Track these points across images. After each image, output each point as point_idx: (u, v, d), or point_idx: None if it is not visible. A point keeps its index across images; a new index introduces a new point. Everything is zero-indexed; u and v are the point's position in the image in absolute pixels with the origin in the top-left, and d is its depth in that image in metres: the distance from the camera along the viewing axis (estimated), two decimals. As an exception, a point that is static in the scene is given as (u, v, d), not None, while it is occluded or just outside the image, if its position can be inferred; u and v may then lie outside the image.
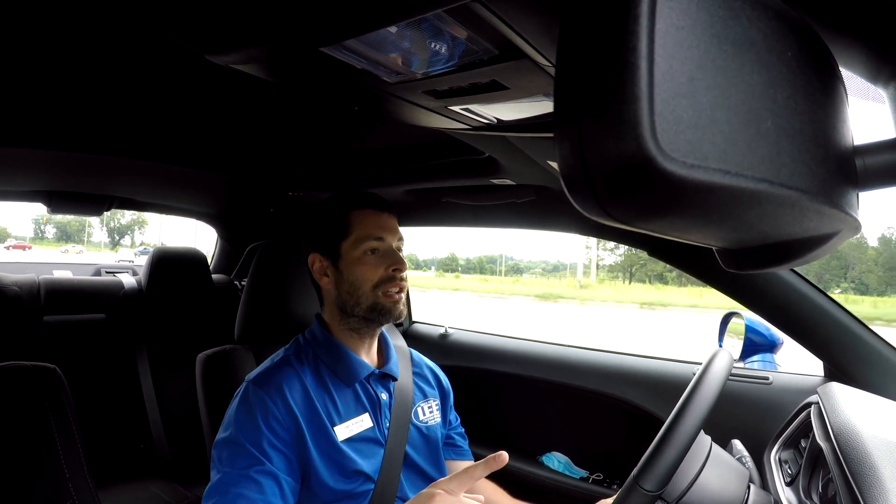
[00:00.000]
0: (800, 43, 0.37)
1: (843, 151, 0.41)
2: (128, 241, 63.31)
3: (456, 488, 0.96)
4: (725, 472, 1.05)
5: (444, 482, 0.98)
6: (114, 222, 67.93)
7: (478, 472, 0.96)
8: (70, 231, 76.24)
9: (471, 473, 0.96)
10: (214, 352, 1.57)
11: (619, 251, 62.17)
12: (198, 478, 2.38)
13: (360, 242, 1.31)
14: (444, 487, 0.96)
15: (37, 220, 75.63)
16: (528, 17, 0.67)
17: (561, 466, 2.09)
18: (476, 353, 2.47)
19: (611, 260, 64.70)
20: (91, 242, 72.39)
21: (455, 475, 0.98)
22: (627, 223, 0.34)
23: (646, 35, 0.28)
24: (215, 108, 1.50)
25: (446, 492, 0.95)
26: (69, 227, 76.39)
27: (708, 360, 1.05)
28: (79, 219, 71.74)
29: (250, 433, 1.17)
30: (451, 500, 0.94)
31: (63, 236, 74.99)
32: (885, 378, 1.47)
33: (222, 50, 0.84)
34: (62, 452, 1.46)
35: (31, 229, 77.54)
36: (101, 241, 72.19)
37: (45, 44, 1.11)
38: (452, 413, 1.58)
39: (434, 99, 0.99)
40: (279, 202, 2.64)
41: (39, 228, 76.61)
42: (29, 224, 78.10)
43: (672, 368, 1.96)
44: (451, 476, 0.99)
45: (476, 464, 0.97)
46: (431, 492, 0.96)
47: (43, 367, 1.51)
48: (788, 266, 0.46)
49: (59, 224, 76.44)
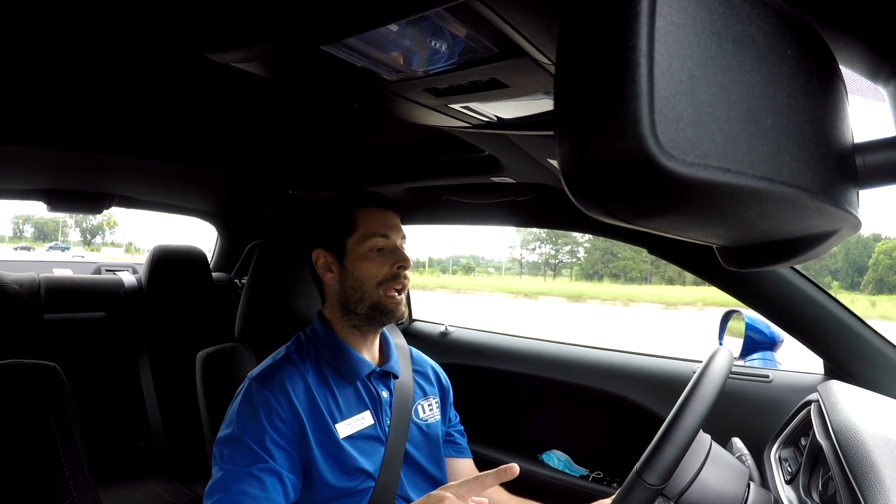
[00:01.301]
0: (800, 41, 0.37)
1: (843, 149, 0.41)
2: (99, 240, 64.27)
3: (465, 493, 0.97)
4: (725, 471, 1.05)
5: (454, 486, 0.99)
6: (86, 223, 69.13)
7: (488, 482, 0.97)
8: (47, 231, 77.11)
9: (481, 482, 0.97)
10: (215, 350, 1.57)
11: (540, 251, 64.36)
12: (198, 476, 2.39)
13: (366, 239, 1.31)
14: (454, 492, 0.97)
15: (15, 220, 76.68)
16: (528, 16, 0.67)
17: (561, 464, 2.09)
18: (476, 351, 2.47)
19: (532, 258, 67.01)
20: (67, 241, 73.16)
21: (465, 481, 0.99)
22: (628, 221, 0.34)
23: (646, 33, 0.28)
24: (215, 107, 1.50)
25: (455, 496, 0.96)
26: (46, 227, 77.31)
27: (709, 357, 1.05)
28: (55, 219, 73.23)
29: (253, 430, 1.17)
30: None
31: (41, 235, 75.82)
32: (885, 376, 1.47)
33: (222, 48, 0.84)
34: (62, 450, 1.46)
35: (10, 228, 78.51)
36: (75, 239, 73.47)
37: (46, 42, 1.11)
38: (452, 411, 1.58)
39: (434, 97, 0.99)
40: (279, 200, 2.64)
41: (18, 228, 77.45)
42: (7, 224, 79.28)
43: (672, 367, 1.95)
44: (461, 481, 1.00)
45: (487, 473, 0.98)
46: (441, 494, 0.97)
47: (43, 366, 1.51)
48: (788, 264, 0.46)
49: (38, 223, 77.39)
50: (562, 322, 20.44)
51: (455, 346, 2.56)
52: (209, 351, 1.58)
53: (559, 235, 60.71)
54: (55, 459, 1.45)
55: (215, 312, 2.71)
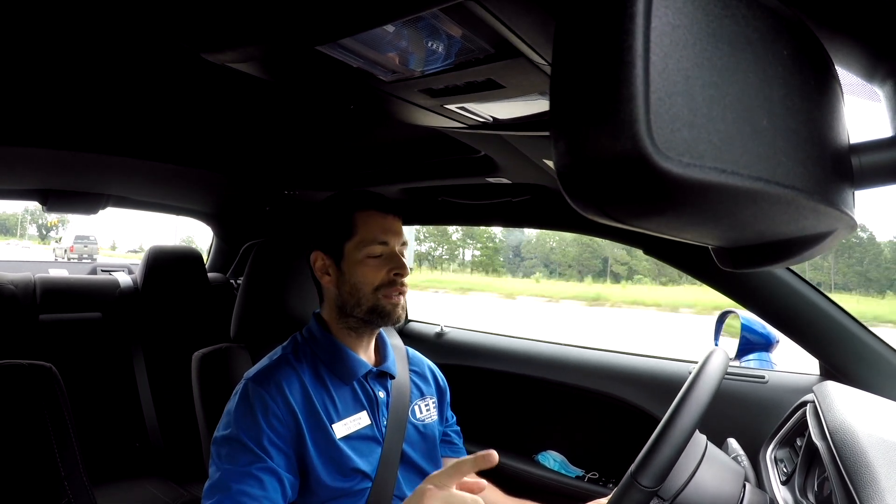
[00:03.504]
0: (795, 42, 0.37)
1: (838, 150, 0.41)
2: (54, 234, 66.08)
3: (447, 482, 0.96)
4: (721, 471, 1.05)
5: (434, 477, 0.98)
6: (42, 219, 71.03)
7: (466, 467, 0.96)
8: (8, 226, 78.82)
9: (459, 468, 0.96)
10: (210, 350, 1.57)
11: (427, 244, 65.55)
12: (194, 476, 2.38)
13: (364, 245, 1.30)
14: (435, 482, 0.97)
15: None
16: (523, 16, 0.67)
17: (556, 465, 2.09)
18: (472, 351, 2.47)
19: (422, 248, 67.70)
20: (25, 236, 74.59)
21: (444, 469, 0.98)
22: (623, 222, 0.34)
23: (642, 33, 0.28)
24: (211, 107, 1.50)
25: (436, 486, 0.95)
26: (7, 223, 79.13)
27: (704, 358, 1.05)
28: (15, 214, 75.00)
29: (250, 430, 1.17)
30: (442, 493, 0.94)
31: (2, 230, 77.20)
32: (880, 377, 1.47)
33: (218, 48, 0.84)
34: (58, 451, 1.45)
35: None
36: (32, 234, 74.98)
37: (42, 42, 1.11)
38: (449, 411, 1.58)
39: (430, 98, 0.99)
40: (275, 201, 2.64)
41: (-22, 223, 79.06)
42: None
43: (668, 367, 1.96)
44: (441, 471, 0.99)
45: (465, 459, 0.97)
46: (423, 488, 0.96)
47: (39, 366, 1.50)
48: (784, 265, 0.46)
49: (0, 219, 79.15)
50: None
51: (451, 347, 2.56)
52: (205, 351, 1.57)
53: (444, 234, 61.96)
54: (51, 460, 1.44)
55: (211, 313, 2.71)
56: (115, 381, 2.49)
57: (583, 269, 56.82)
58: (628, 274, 54.26)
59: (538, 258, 60.48)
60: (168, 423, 2.52)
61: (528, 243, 61.54)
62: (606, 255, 56.25)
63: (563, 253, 58.93)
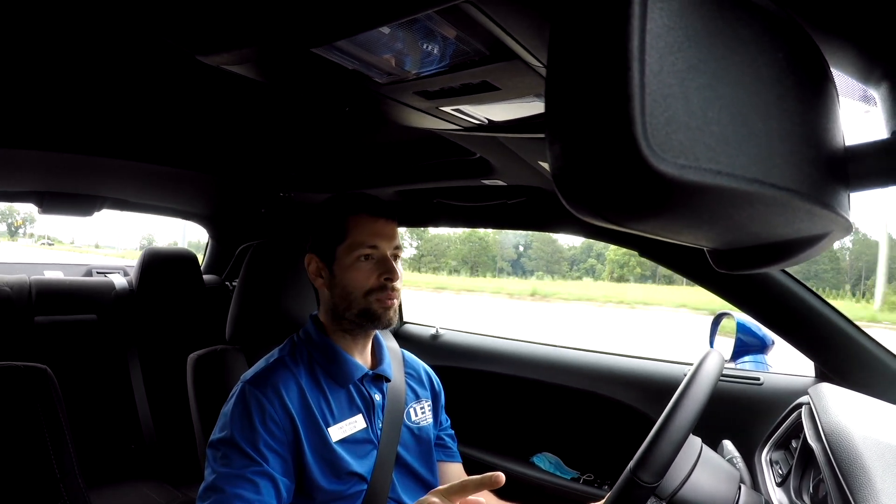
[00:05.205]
0: (791, 44, 0.37)
1: (834, 152, 0.41)
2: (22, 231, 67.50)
3: (451, 497, 0.98)
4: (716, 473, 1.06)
5: (438, 491, 1.00)
6: (10, 218, 72.64)
7: (471, 487, 0.97)
8: None
9: (464, 486, 0.98)
10: (206, 352, 1.57)
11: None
12: (189, 478, 2.38)
13: (354, 249, 1.29)
14: (440, 497, 0.98)
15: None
16: (519, 18, 0.67)
17: (552, 467, 2.09)
18: (467, 353, 2.47)
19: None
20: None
21: (450, 486, 1.00)
22: (619, 224, 0.34)
23: (637, 36, 0.28)
24: (206, 109, 1.50)
25: (441, 501, 0.97)
26: None
27: (700, 360, 1.05)
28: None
29: (246, 433, 1.17)
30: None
31: None
32: (875, 379, 1.47)
33: (213, 51, 0.84)
34: (53, 453, 1.45)
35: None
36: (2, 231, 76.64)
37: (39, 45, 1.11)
38: (443, 414, 1.58)
39: (425, 100, 0.99)
40: (270, 203, 2.63)
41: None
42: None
43: (663, 369, 1.96)
44: (447, 486, 1.00)
45: (471, 478, 0.98)
46: (428, 500, 0.97)
47: (34, 368, 1.50)
48: (779, 266, 0.46)
49: None
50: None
51: (446, 349, 2.55)
52: (200, 353, 1.57)
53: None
54: (46, 462, 1.44)
55: (206, 315, 2.70)
56: (110, 383, 2.48)
57: (474, 265, 61.20)
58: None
59: (434, 255, 63.29)
60: (163, 425, 2.51)
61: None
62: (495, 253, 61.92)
63: (457, 251, 62.78)
